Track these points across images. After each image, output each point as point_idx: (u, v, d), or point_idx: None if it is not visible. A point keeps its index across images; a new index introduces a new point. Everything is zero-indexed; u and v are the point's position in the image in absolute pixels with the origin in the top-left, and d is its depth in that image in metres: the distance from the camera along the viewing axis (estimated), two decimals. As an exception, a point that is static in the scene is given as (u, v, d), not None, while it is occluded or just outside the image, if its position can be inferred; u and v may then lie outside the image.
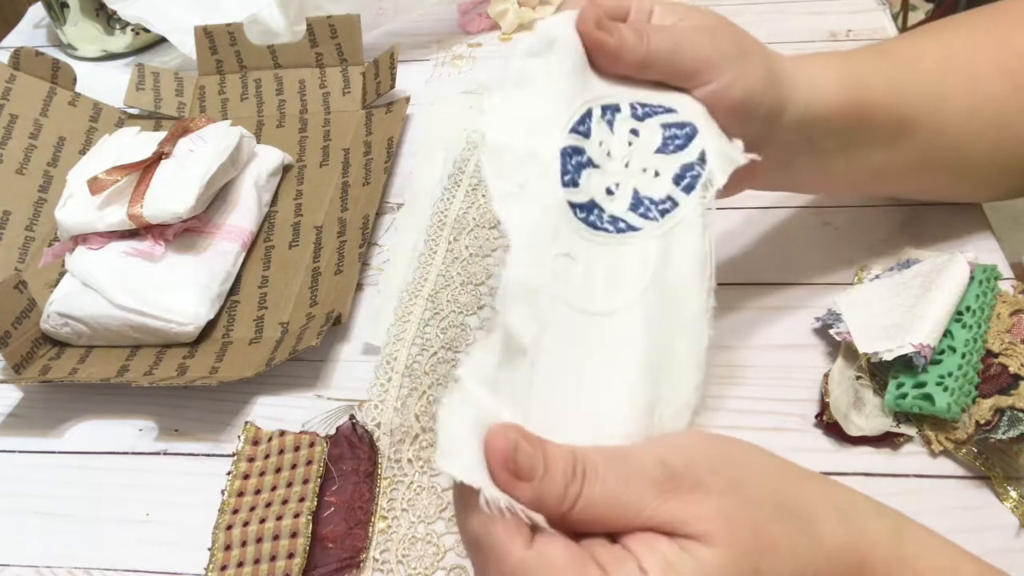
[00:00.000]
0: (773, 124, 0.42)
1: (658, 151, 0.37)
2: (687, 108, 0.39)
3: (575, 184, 0.35)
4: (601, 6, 0.38)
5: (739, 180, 0.39)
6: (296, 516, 0.44)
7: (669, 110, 0.38)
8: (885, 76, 0.45)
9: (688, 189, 0.37)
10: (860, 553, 0.31)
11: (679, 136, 0.38)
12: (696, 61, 0.39)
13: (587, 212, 0.35)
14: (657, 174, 0.37)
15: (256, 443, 0.48)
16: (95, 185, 0.57)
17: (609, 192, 0.36)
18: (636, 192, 0.36)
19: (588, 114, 0.37)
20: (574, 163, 0.36)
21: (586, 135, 0.37)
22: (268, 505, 0.45)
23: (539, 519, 0.29)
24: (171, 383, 0.50)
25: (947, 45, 0.48)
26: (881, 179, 0.49)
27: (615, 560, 0.29)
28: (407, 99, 0.68)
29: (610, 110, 0.38)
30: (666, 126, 0.38)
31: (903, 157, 0.47)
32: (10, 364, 0.53)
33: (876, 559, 0.31)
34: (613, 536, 0.30)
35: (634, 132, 0.38)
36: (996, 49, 0.47)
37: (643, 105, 0.38)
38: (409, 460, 0.48)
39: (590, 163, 0.36)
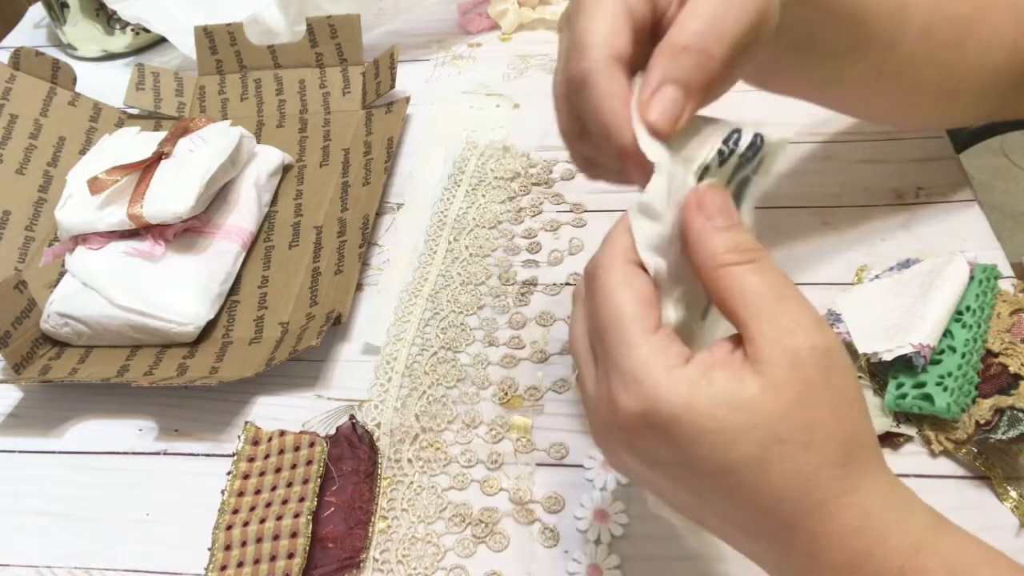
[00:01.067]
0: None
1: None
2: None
3: None
4: None
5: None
6: (296, 516, 0.44)
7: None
8: None
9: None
10: (871, 536, 0.30)
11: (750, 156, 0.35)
12: None
13: None
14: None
15: (256, 443, 0.48)
16: (95, 185, 0.57)
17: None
18: None
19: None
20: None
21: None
22: (268, 505, 0.45)
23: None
24: (171, 383, 0.51)
25: None
26: (839, 88, 0.49)
27: (673, 337, 0.31)
28: (407, 99, 0.68)
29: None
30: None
31: (858, 67, 0.46)
32: (10, 364, 0.53)
33: (887, 551, 0.30)
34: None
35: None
36: None
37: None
38: (409, 460, 0.48)
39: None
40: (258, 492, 0.46)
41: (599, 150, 0.39)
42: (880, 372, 0.45)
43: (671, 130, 0.34)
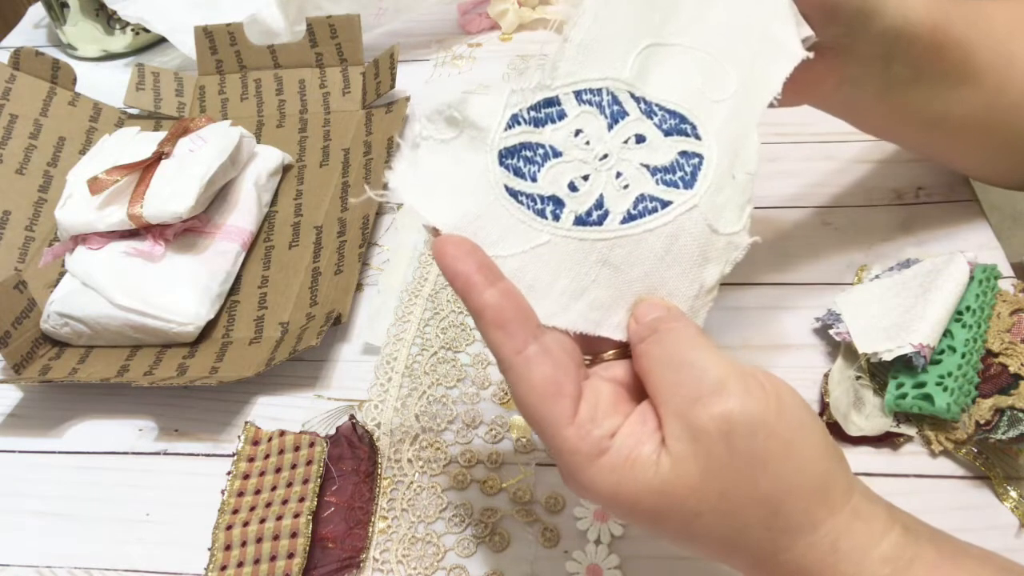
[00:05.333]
0: (860, 30, 0.42)
1: (652, 171, 0.36)
2: (709, 124, 0.37)
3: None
4: None
5: (803, 89, 0.40)
6: (296, 516, 0.44)
7: (693, 130, 0.37)
8: (965, 19, 0.46)
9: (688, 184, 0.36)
10: None
11: (686, 167, 0.36)
12: None
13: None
14: (626, 186, 0.36)
15: (256, 443, 0.48)
16: (95, 185, 0.57)
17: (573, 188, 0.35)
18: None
19: (604, 92, 0.36)
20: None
21: (597, 106, 0.36)
22: (268, 505, 0.45)
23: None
24: (171, 383, 0.51)
25: (1017, 12, 0.48)
26: (938, 130, 0.49)
27: (595, 414, 0.32)
28: (407, 99, 0.68)
29: (641, 101, 0.37)
30: (682, 154, 0.36)
31: (964, 107, 0.47)
32: (10, 364, 0.53)
33: None
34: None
35: (640, 139, 0.36)
36: None
37: (670, 115, 0.37)
38: (409, 460, 0.48)
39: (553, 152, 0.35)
40: (258, 492, 0.46)
41: None
42: (880, 372, 0.45)
43: None
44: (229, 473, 0.47)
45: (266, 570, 0.42)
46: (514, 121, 0.35)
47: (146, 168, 0.59)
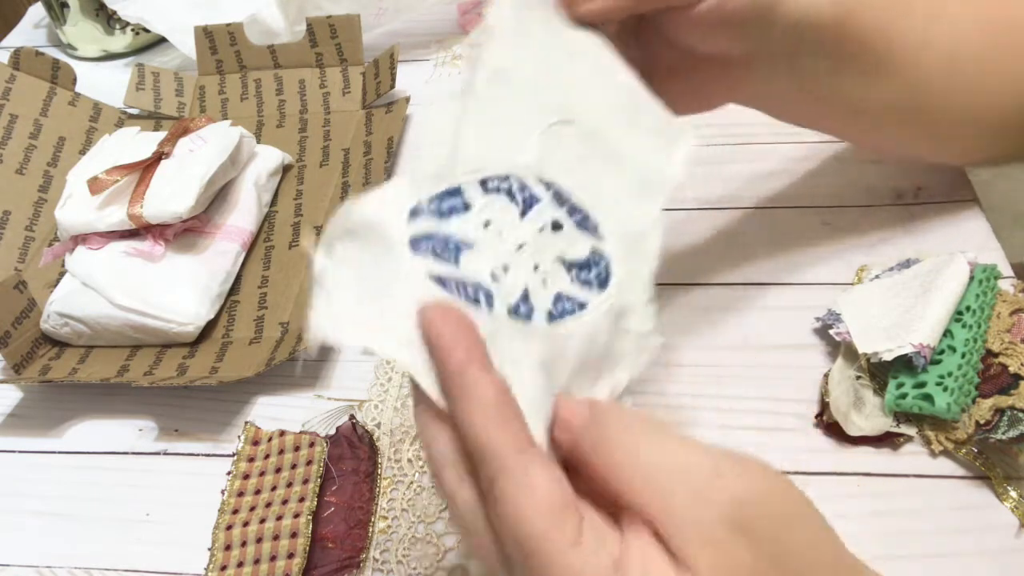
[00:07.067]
0: (764, 36, 0.43)
1: (568, 267, 0.33)
2: (609, 223, 0.34)
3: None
4: None
5: (722, 91, 0.41)
6: (296, 516, 0.44)
7: (595, 230, 0.34)
8: (877, 7, 0.45)
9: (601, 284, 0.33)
10: None
11: (600, 263, 0.33)
12: None
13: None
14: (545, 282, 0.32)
15: (256, 443, 0.48)
16: (95, 185, 0.57)
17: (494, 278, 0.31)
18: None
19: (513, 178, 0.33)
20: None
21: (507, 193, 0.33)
22: (268, 505, 0.45)
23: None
24: (171, 383, 0.51)
25: None
26: (860, 117, 0.49)
27: (597, 534, 0.27)
28: (407, 99, 0.68)
29: (550, 188, 0.34)
30: (593, 251, 0.34)
31: (882, 95, 0.47)
32: (10, 364, 0.53)
33: None
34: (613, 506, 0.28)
35: (557, 226, 0.33)
36: (980, 5, 0.47)
37: (576, 210, 0.34)
38: (409, 460, 0.48)
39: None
40: (258, 492, 0.46)
41: None
42: (880, 372, 0.45)
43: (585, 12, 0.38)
44: (229, 473, 0.47)
45: (266, 570, 0.42)
46: (414, 213, 0.31)
47: (146, 168, 0.59)
